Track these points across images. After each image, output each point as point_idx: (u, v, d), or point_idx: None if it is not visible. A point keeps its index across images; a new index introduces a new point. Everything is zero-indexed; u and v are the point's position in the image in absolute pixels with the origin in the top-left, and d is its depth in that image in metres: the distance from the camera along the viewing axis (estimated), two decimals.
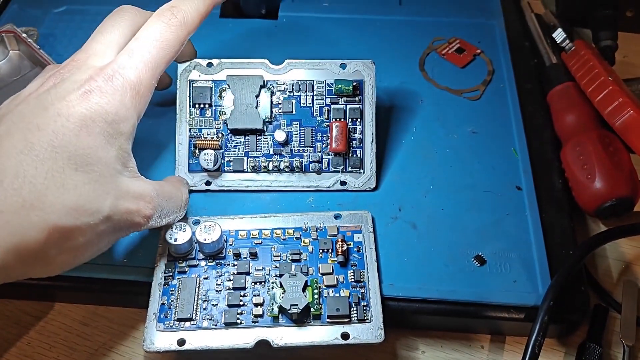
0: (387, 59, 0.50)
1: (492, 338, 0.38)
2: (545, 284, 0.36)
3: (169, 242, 0.36)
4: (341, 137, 0.42)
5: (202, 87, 0.42)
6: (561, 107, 0.45)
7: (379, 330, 0.34)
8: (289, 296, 0.34)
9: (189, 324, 0.34)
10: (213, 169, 0.41)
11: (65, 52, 0.51)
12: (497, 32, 0.52)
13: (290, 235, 0.38)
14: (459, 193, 0.41)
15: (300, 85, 0.43)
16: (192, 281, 0.36)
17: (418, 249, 0.38)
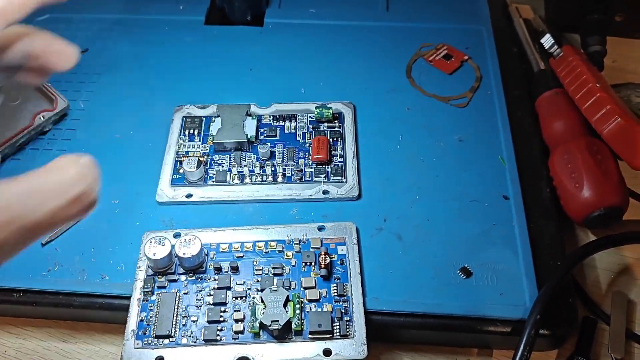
0: (374, 66, 0.49)
1: (479, 352, 0.37)
2: (532, 296, 0.36)
3: (148, 256, 0.35)
4: (323, 147, 0.42)
5: (193, 117, 0.45)
6: (549, 113, 0.45)
7: (362, 345, 0.33)
8: (270, 312, 0.33)
9: (167, 341, 0.34)
10: (195, 177, 0.41)
11: None
12: (485, 37, 0.52)
13: (272, 248, 0.37)
14: (445, 203, 0.40)
15: (284, 116, 0.45)
16: (171, 297, 0.35)
17: (403, 261, 0.38)
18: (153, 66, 0.50)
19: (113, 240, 0.39)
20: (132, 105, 0.47)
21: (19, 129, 0.44)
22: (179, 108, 0.46)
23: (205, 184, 0.41)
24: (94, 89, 0.48)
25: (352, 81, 0.48)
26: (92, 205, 0.24)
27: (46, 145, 0.45)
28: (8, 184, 0.23)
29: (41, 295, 0.37)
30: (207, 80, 0.49)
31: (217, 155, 0.43)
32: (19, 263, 0.38)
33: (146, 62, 0.50)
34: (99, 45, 0.52)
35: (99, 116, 0.46)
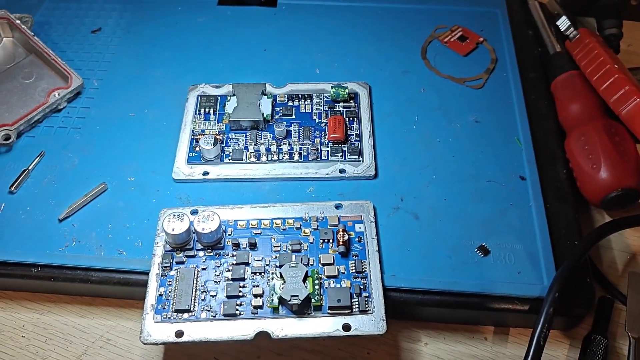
0: (389, 47, 0.49)
1: (496, 330, 0.37)
2: (550, 275, 0.36)
3: (167, 232, 0.35)
4: (339, 126, 0.42)
5: (208, 95, 0.45)
6: (565, 96, 0.44)
7: (380, 321, 0.33)
8: (289, 287, 0.33)
9: (187, 316, 0.34)
10: (212, 155, 0.41)
11: (60, 39, 0.50)
12: (500, 20, 0.51)
13: (290, 225, 0.37)
14: (461, 183, 0.40)
15: (300, 95, 0.44)
16: (190, 272, 0.35)
17: (420, 239, 0.38)
18: (166, 46, 0.50)
19: (130, 217, 0.39)
20: (146, 85, 0.47)
21: (34, 107, 0.44)
22: (193, 87, 0.46)
23: (221, 162, 0.41)
24: (107, 67, 0.48)
25: (366, 62, 0.48)
26: None
27: (60, 123, 0.45)
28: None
29: (59, 270, 0.37)
30: (221, 60, 0.48)
31: (232, 133, 0.43)
32: (36, 238, 0.38)
33: (159, 42, 0.50)
34: (111, 25, 0.52)
35: (113, 95, 0.46)
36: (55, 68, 0.45)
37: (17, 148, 0.43)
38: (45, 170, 0.42)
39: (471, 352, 0.37)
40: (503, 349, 0.37)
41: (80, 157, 0.42)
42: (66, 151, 0.43)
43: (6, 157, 0.42)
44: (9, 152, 0.43)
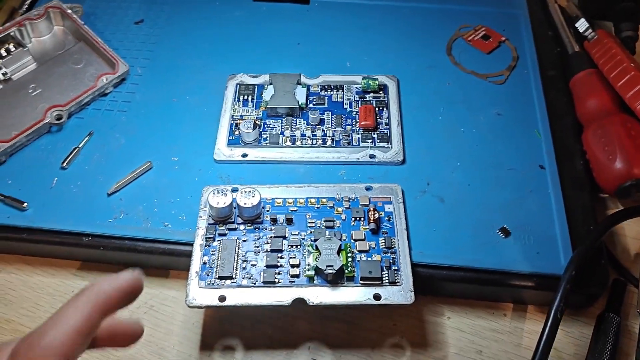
0: (415, 44, 0.52)
1: (515, 307, 0.40)
2: (567, 256, 0.38)
3: (211, 205, 0.38)
4: (369, 114, 0.45)
5: (247, 84, 0.47)
6: (584, 92, 0.47)
7: (409, 292, 0.36)
8: (325, 258, 0.36)
9: (229, 282, 0.36)
10: (251, 138, 0.43)
11: (105, 29, 0.53)
12: (522, 21, 0.54)
13: (324, 204, 0.40)
14: (484, 170, 0.43)
15: (332, 86, 0.47)
16: (232, 243, 0.38)
17: (446, 220, 0.40)
18: (205, 38, 0.53)
19: (174, 193, 0.42)
20: (187, 73, 0.50)
21: (83, 90, 0.47)
22: (232, 76, 0.48)
23: (259, 145, 0.44)
24: (150, 56, 0.51)
25: (394, 57, 0.51)
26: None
27: (107, 106, 0.47)
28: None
29: (108, 239, 0.40)
30: (256, 52, 0.51)
31: (269, 119, 0.45)
32: (87, 210, 0.41)
33: (199, 34, 0.53)
34: (152, 17, 0.55)
35: (156, 81, 0.49)
36: (103, 55, 0.48)
37: (67, 128, 0.46)
38: (94, 149, 0.44)
39: (491, 326, 0.39)
40: (521, 324, 0.39)
41: (126, 137, 0.45)
42: (113, 132, 0.45)
43: (58, 135, 0.45)
44: (60, 132, 0.46)
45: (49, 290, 0.41)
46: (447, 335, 0.39)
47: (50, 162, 0.44)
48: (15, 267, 0.42)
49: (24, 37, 0.48)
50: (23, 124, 0.44)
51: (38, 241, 0.40)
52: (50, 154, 0.44)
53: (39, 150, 0.44)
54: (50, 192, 0.42)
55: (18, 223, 0.40)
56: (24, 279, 0.41)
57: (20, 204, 0.41)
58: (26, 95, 0.46)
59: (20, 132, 0.44)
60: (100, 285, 0.26)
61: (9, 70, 0.47)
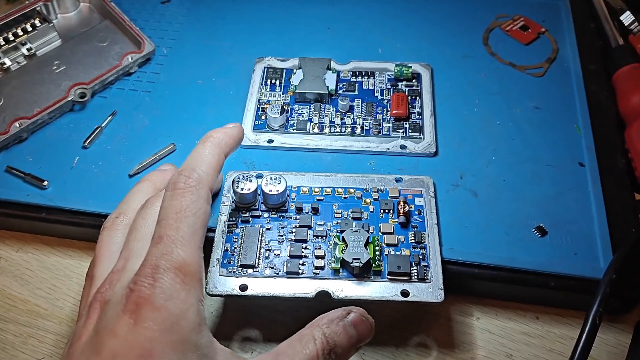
0: (451, 33, 0.50)
1: (548, 310, 0.38)
2: (606, 258, 0.36)
3: (236, 190, 0.37)
4: (402, 103, 0.43)
5: (275, 68, 0.46)
6: (628, 87, 0.45)
7: (438, 290, 0.34)
8: (352, 250, 0.35)
9: (251, 271, 0.35)
10: (278, 123, 0.42)
11: (131, 9, 0.52)
12: (563, 12, 0.52)
13: (351, 194, 0.39)
14: (520, 165, 0.41)
15: (363, 72, 0.46)
16: (255, 230, 0.37)
17: (478, 216, 0.38)
18: (233, 20, 0.51)
19: None
20: (214, 55, 0.48)
21: (108, 68, 0.46)
22: (259, 59, 0.47)
23: (286, 131, 0.42)
24: (176, 37, 0.50)
25: (428, 45, 0.49)
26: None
27: (131, 86, 0.46)
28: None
29: None
30: (285, 35, 0.50)
31: (297, 105, 0.44)
32: (108, 191, 0.40)
33: (226, 15, 0.52)
34: None
35: (182, 62, 0.48)
36: (129, 33, 0.47)
37: (90, 107, 0.45)
38: (117, 129, 0.43)
39: (522, 329, 0.37)
40: (554, 328, 0.37)
41: (150, 118, 0.44)
42: (137, 112, 0.44)
43: (81, 114, 0.44)
44: (83, 110, 0.45)
45: (65, 271, 0.40)
46: (476, 337, 0.37)
47: (72, 140, 0.43)
48: (33, 247, 0.41)
49: (49, 12, 0.47)
50: (46, 101, 0.43)
51: (57, 221, 0.40)
52: (72, 132, 0.43)
53: (61, 129, 0.43)
54: (71, 172, 0.41)
55: (37, 201, 0.39)
56: (41, 259, 0.41)
57: (41, 182, 0.40)
58: (50, 72, 0.45)
59: (43, 109, 0.43)
60: (217, 134, 0.34)
61: (33, 45, 0.46)
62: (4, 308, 0.38)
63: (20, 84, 0.44)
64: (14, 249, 0.41)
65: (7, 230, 0.42)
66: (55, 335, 0.37)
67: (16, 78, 0.44)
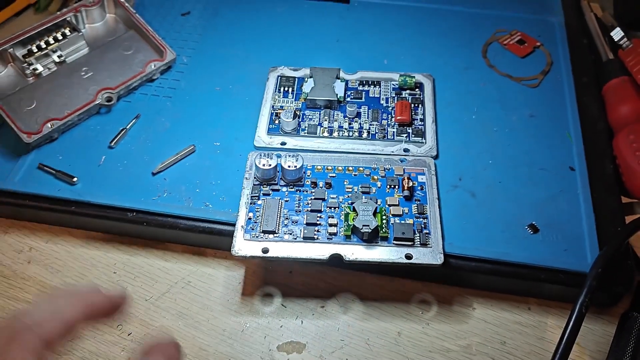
0: (452, 46, 0.53)
1: (540, 301, 0.41)
2: (594, 254, 0.39)
3: (258, 166, 0.41)
4: (405, 110, 0.46)
5: (287, 76, 0.49)
6: (617, 98, 0.48)
7: (439, 254, 0.38)
8: (362, 218, 0.38)
9: (272, 236, 0.39)
10: (290, 127, 0.45)
11: (153, 20, 0.55)
12: (557, 28, 0.55)
13: (360, 172, 0.43)
14: (516, 169, 0.44)
15: (369, 81, 0.49)
16: (275, 202, 0.40)
17: (476, 214, 0.42)
18: (248, 31, 0.55)
19: (215, 175, 0.44)
20: (230, 63, 0.52)
21: (132, 75, 0.49)
22: (273, 69, 0.50)
23: (298, 135, 0.46)
24: (195, 47, 0.53)
25: (431, 56, 0.52)
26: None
27: (154, 92, 0.50)
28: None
29: (152, 216, 0.42)
30: (297, 46, 0.53)
31: (308, 111, 0.47)
32: (132, 188, 0.43)
33: (242, 26, 0.55)
34: (199, 9, 0.57)
35: (201, 70, 0.51)
36: (152, 43, 0.51)
37: (115, 110, 0.48)
38: (140, 131, 0.47)
39: (515, 319, 0.40)
40: (545, 318, 0.40)
41: (171, 121, 0.47)
42: (159, 116, 0.48)
43: (107, 117, 0.48)
44: (109, 113, 0.48)
45: (92, 261, 0.43)
46: (472, 325, 0.40)
47: (99, 141, 0.46)
48: (61, 239, 0.44)
49: (79, 22, 0.51)
50: (75, 104, 0.46)
51: (85, 214, 0.43)
52: (99, 133, 0.46)
53: (89, 130, 0.47)
54: (99, 169, 0.44)
55: (68, 196, 0.42)
56: (69, 250, 0.44)
57: (71, 178, 0.43)
58: (79, 77, 0.48)
59: (73, 111, 0.46)
60: (92, 294, 0.26)
61: (64, 53, 0.49)
62: (36, 293, 0.41)
63: (51, 88, 0.47)
64: (43, 240, 0.44)
65: (37, 223, 0.45)
66: None
67: (48, 83, 0.48)
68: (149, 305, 0.41)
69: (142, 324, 0.40)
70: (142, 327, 0.40)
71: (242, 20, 0.56)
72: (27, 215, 0.45)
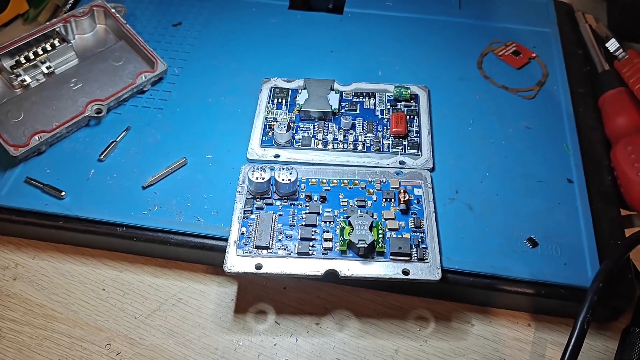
0: (447, 57, 0.53)
1: (539, 317, 0.40)
2: (594, 268, 0.39)
3: (251, 179, 0.40)
4: (401, 122, 0.46)
5: (281, 88, 0.49)
6: (613, 110, 0.47)
7: (436, 269, 0.37)
8: (357, 232, 0.37)
9: (265, 252, 0.38)
10: (284, 140, 0.44)
11: (144, 30, 0.54)
12: (553, 39, 0.55)
13: (356, 185, 0.42)
14: (513, 181, 0.43)
15: (364, 93, 0.48)
16: (268, 216, 0.39)
17: (474, 228, 0.41)
18: (241, 42, 0.54)
19: (207, 189, 0.43)
20: (223, 75, 0.51)
21: (122, 86, 0.48)
22: (266, 80, 0.50)
23: (291, 147, 0.45)
24: (187, 57, 0.52)
25: (426, 68, 0.52)
26: None
27: (144, 103, 0.49)
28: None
29: (142, 231, 0.41)
30: (290, 57, 0.52)
31: (302, 122, 0.46)
32: (122, 202, 0.42)
33: (235, 37, 0.54)
34: (190, 20, 0.56)
35: (192, 82, 0.50)
36: (143, 54, 0.50)
37: (105, 122, 0.47)
38: (131, 143, 0.46)
39: (515, 335, 0.39)
40: (545, 335, 0.39)
41: (162, 133, 0.46)
42: (149, 128, 0.47)
43: (96, 129, 0.47)
44: (99, 125, 0.47)
45: (80, 278, 0.42)
46: (471, 342, 0.39)
47: (88, 154, 0.45)
48: (48, 255, 0.43)
49: (68, 33, 0.50)
50: (64, 116, 0.45)
51: (73, 229, 0.41)
52: (88, 146, 0.45)
53: (78, 142, 0.46)
54: (87, 183, 0.43)
55: (55, 211, 0.41)
56: (56, 266, 0.42)
57: (58, 192, 0.42)
58: (68, 89, 0.47)
59: (61, 123, 0.45)
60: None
61: (53, 64, 0.48)
62: (21, 312, 0.40)
63: (39, 99, 0.46)
64: (30, 256, 0.43)
65: (23, 238, 0.44)
66: (70, 338, 0.39)
67: (36, 94, 0.47)
68: (138, 323, 0.40)
69: (132, 342, 0.39)
70: (131, 346, 0.39)
71: (235, 31, 0.55)
72: (13, 231, 0.44)
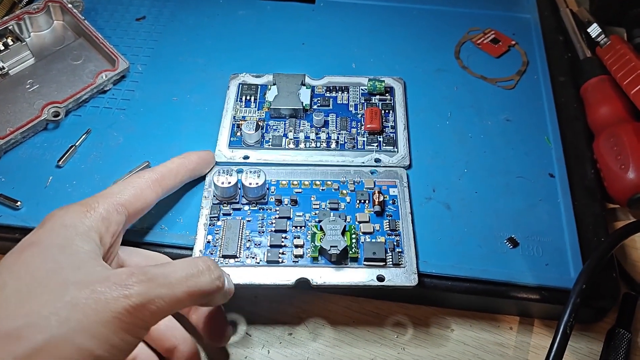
0: (423, 46, 0.51)
1: (521, 320, 0.39)
2: (577, 268, 0.37)
3: (216, 184, 0.38)
4: (375, 117, 0.44)
5: (249, 84, 0.46)
6: (596, 99, 0.46)
7: (413, 274, 0.35)
8: (329, 238, 0.36)
9: (233, 261, 0.36)
10: (253, 140, 0.42)
11: (105, 26, 0.52)
12: (532, 25, 0.53)
13: (329, 186, 0.40)
14: (492, 177, 0.42)
15: (337, 87, 0.46)
16: (236, 223, 0.37)
17: (452, 228, 0.39)
18: (208, 36, 0.51)
19: (171, 195, 0.40)
20: (189, 71, 0.48)
21: (82, 87, 0.45)
22: (234, 76, 0.47)
23: (261, 147, 0.43)
24: (151, 54, 0.50)
25: (401, 59, 0.50)
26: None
27: (106, 104, 0.46)
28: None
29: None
30: (260, 51, 0.50)
31: (272, 121, 0.44)
32: None
33: (201, 32, 0.52)
34: (155, 13, 0.54)
35: (157, 79, 0.48)
36: (103, 51, 0.47)
37: (64, 125, 0.45)
38: (91, 147, 0.43)
39: (496, 340, 0.38)
40: (527, 338, 0.38)
41: (124, 136, 0.44)
42: (111, 130, 0.44)
43: (54, 133, 0.44)
44: (57, 129, 0.44)
45: None
46: (451, 348, 0.37)
47: (46, 160, 0.42)
48: None
49: (22, 31, 0.47)
50: (19, 121, 0.43)
51: None
52: (46, 151, 0.43)
53: (35, 148, 0.43)
54: (45, 191, 0.41)
55: (11, 222, 0.39)
56: None
57: (14, 202, 0.40)
58: (23, 91, 0.45)
59: (16, 128, 0.42)
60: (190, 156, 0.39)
61: (6, 64, 0.46)
62: None
63: None
64: None
65: None
66: None
67: None
68: None
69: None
70: None
71: (201, 25, 0.52)
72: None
